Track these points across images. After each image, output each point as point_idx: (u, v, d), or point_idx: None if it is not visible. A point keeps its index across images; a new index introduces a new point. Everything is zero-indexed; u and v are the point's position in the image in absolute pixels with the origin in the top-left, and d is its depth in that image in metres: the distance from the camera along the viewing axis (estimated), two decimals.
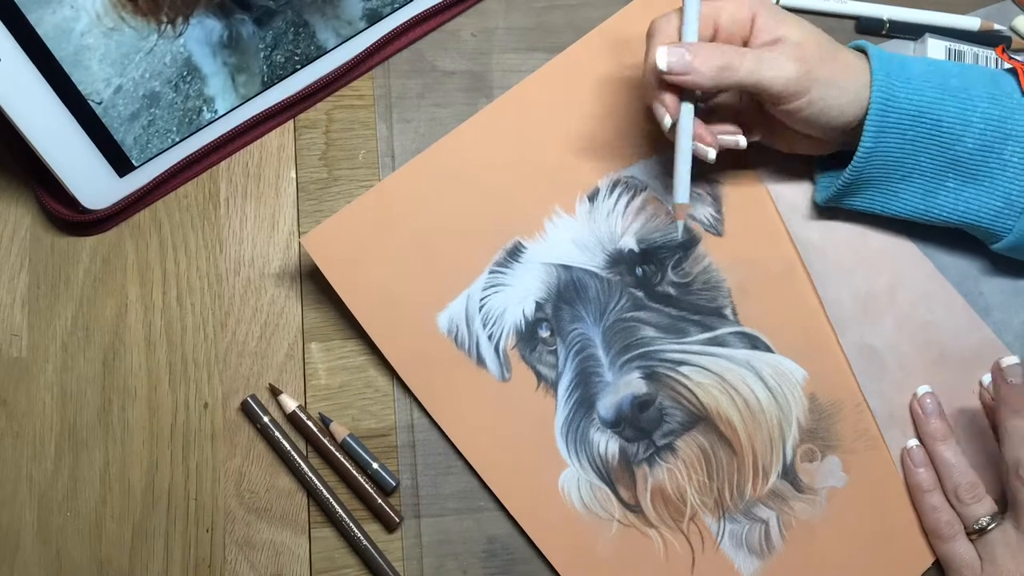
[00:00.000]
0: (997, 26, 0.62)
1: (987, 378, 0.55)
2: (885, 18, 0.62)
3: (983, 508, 0.52)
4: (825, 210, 0.57)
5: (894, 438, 0.55)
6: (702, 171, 0.57)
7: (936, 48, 0.61)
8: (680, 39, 0.50)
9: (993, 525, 0.51)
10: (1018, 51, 0.61)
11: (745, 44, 0.51)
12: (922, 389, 0.55)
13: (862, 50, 0.53)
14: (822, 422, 0.55)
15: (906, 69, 0.51)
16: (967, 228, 0.54)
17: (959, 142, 0.51)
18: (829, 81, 0.49)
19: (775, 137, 0.55)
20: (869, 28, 0.63)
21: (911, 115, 0.50)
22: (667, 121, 0.50)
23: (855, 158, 0.51)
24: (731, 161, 0.56)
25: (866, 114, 0.50)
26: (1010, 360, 0.51)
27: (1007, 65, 0.54)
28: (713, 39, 0.51)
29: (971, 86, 0.51)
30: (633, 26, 0.59)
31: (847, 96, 0.50)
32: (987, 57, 0.61)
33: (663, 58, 0.48)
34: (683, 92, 0.50)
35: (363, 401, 0.54)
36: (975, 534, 0.52)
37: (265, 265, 0.56)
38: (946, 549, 0.52)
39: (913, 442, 0.54)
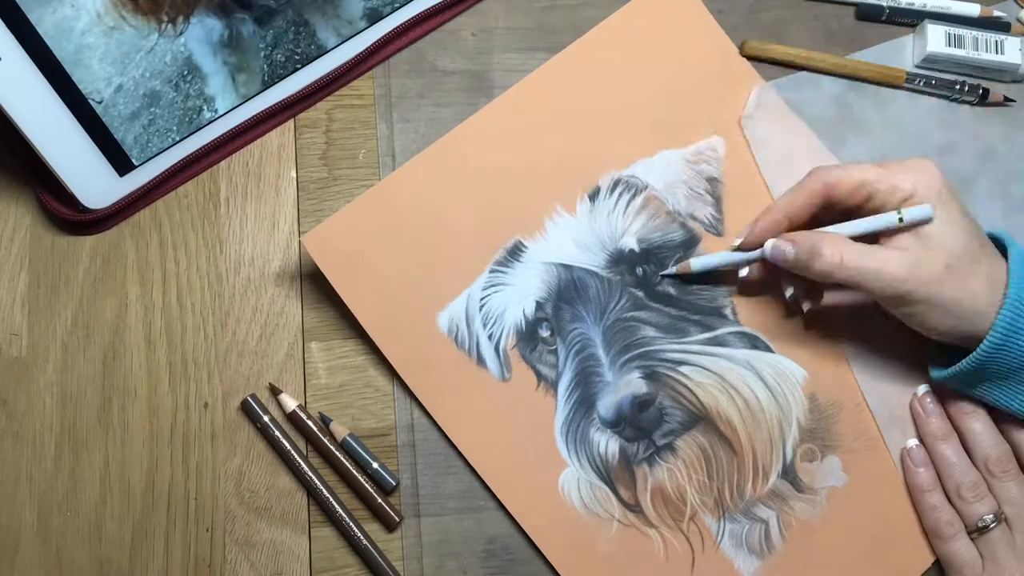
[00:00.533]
0: (997, 12, 0.62)
1: None
2: (885, 4, 0.62)
3: (985, 507, 0.52)
4: None
5: (894, 438, 0.55)
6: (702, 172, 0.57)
7: (936, 33, 0.60)
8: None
9: (995, 524, 0.51)
10: None
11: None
12: (922, 388, 0.55)
13: (998, 241, 0.50)
14: (822, 422, 0.55)
15: None
16: None
17: None
18: (945, 304, 0.48)
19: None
20: (868, 15, 0.63)
21: None
22: (737, 240, 0.53)
23: (977, 352, 0.48)
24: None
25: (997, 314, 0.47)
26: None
27: None
28: (863, 205, 0.50)
29: None
30: (633, 25, 0.59)
31: (961, 321, 0.48)
32: (987, 40, 0.61)
33: (767, 250, 0.52)
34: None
35: (363, 401, 0.54)
36: (976, 533, 0.52)
37: (265, 265, 0.56)
38: (947, 549, 0.52)
39: (913, 442, 0.54)
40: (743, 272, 0.54)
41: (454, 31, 0.60)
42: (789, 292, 0.53)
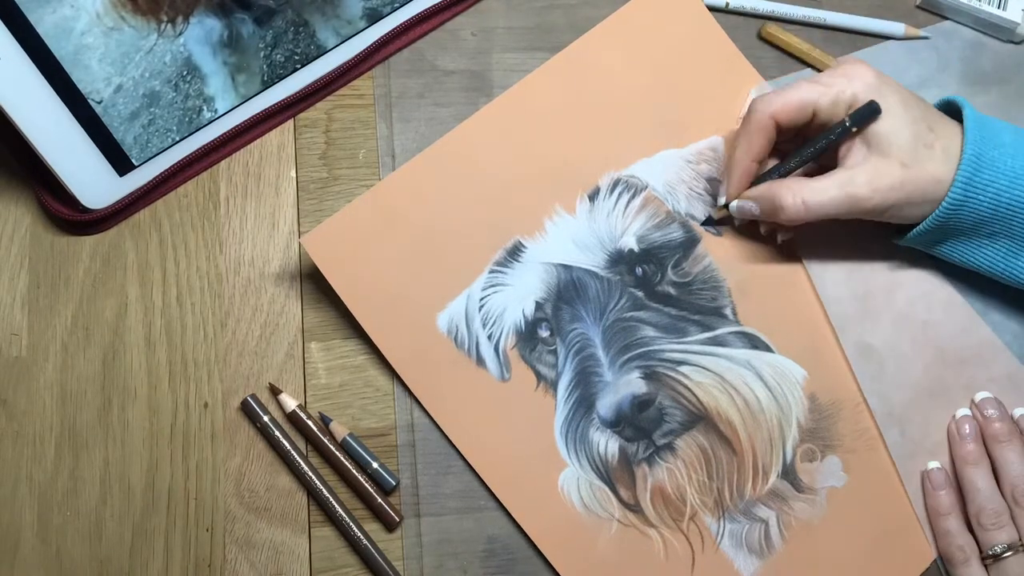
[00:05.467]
0: (923, 33, 0.62)
1: (979, 396, 0.55)
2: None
3: (1004, 535, 0.51)
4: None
5: (893, 437, 0.55)
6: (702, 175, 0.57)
7: None
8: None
9: (1009, 553, 0.50)
10: None
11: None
12: (961, 412, 0.55)
13: (954, 106, 0.52)
14: (822, 422, 0.55)
15: (998, 134, 0.50)
16: None
17: None
18: (912, 199, 0.50)
19: None
20: None
21: (1008, 177, 0.49)
22: (721, 200, 0.55)
23: (937, 212, 0.50)
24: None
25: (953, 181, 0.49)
26: (983, 395, 0.55)
27: None
28: (811, 121, 0.51)
29: None
30: (633, 25, 0.59)
31: (929, 203, 0.50)
32: None
33: (734, 211, 0.53)
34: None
35: (363, 400, 0.54)
36: (990, 559, 0.51)
37: (265, 265, 0.56)
38: (958, 574, 0.52)
39: (934, 464, 0.54)
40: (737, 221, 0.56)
41: (454, 31, 0.60)
42: (763, 228, 0.56)
